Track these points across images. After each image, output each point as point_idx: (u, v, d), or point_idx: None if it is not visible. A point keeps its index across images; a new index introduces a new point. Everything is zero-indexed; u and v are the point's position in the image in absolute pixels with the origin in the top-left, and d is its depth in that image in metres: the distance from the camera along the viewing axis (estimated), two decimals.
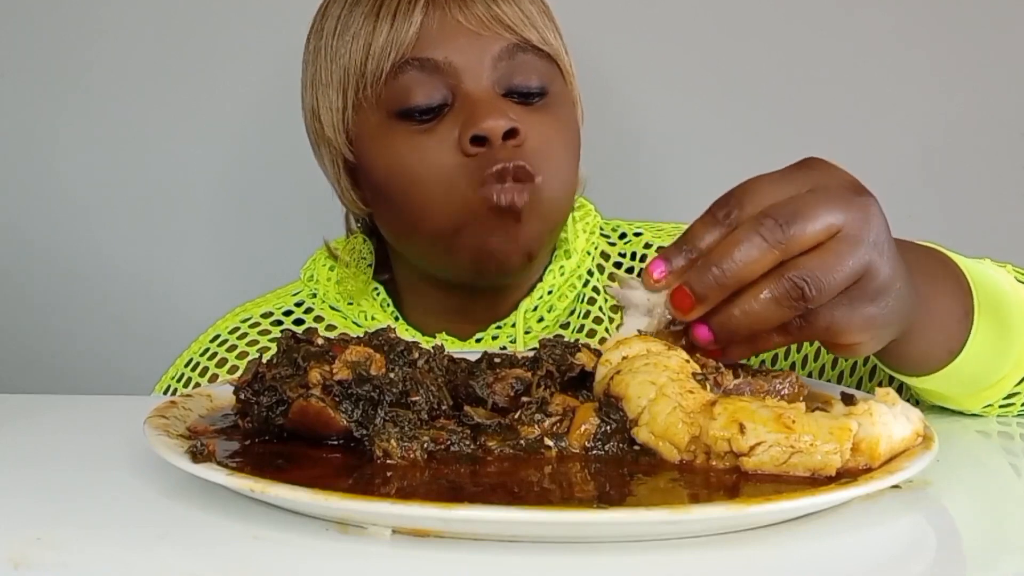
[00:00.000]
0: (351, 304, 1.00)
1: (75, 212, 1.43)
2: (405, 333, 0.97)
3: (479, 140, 0.87)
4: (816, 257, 0.59)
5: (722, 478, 0.56)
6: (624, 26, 1.38)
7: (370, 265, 1.01)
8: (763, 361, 0.93)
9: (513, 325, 0.97)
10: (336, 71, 0.92)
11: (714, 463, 0.57)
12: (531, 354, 0.67)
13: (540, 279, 0.98)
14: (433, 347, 0.67)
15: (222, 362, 0.99)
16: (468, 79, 0.89)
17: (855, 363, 0.91)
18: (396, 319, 0.99)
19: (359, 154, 0.94)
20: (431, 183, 0.88)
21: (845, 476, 0.55)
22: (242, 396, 0.63)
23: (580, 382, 0.65)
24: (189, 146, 1.42)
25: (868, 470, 0.56)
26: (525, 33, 0.90)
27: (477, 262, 0.90)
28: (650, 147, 1.40)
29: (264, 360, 0.64)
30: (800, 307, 0.60)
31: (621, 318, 0.66)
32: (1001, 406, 0.79)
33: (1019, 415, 0.80)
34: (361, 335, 0.66)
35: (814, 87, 1.39)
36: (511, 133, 0.87)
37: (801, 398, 0.61)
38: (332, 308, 1.01)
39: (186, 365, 1.01)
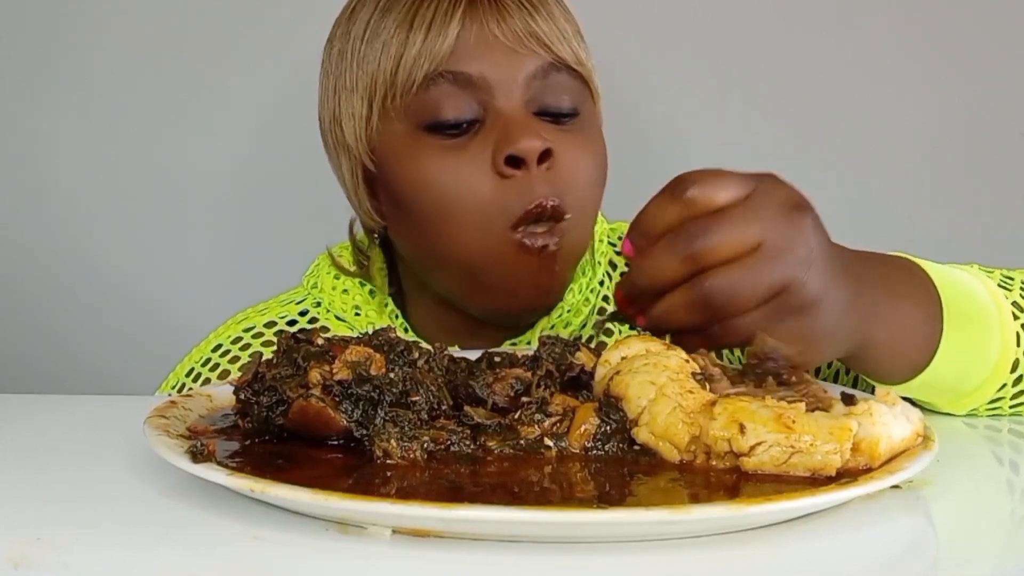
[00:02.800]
0: (358, 315, 0.97)
1: (76, 215, 1.43)
2: None
3: (514, 161, 0.86)
4: (732, 269, 0.62)
5: (722, 478, 0.56)
6: (629, 27, 1.38)
7: (385, 277, 0.98)
8: None
9: (528, 343, 0.95)
10: (363, 77, 0.90)
11: (714, 463, 0.57)
12: (531, 352, 0.67)
13: (561, 299, 0.97)
14: (433, 347, 0.67)
15: (224, 374, 0.95)
16: (501, 96, 0.88)
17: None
18: (406, 331, 0.97)
19: (381, 165, 0.92)
20: (463, 207, 0.87)
21: (845, 476, 0.55)
22: (242, 396, 0.63)
23: (580, 382, 0.66)
24: (190, 148, 1.42)
25: (868, 470, 0.56)
26: (560, 52, 0.89)
27: (503, 305, 0.90)
28: (653, 149, 1.40)
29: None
30: (709, 315, 0.63)
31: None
32: (988, 410, 0.79)
33: (1015, 415, 0.80)
34: (361, 335, 0.66)
35: (815, 89, 1.39)
36: (545, 155, 0.86)
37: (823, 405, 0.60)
38: (337, 318, 0.98)
39: (187, 375, 0.98)
